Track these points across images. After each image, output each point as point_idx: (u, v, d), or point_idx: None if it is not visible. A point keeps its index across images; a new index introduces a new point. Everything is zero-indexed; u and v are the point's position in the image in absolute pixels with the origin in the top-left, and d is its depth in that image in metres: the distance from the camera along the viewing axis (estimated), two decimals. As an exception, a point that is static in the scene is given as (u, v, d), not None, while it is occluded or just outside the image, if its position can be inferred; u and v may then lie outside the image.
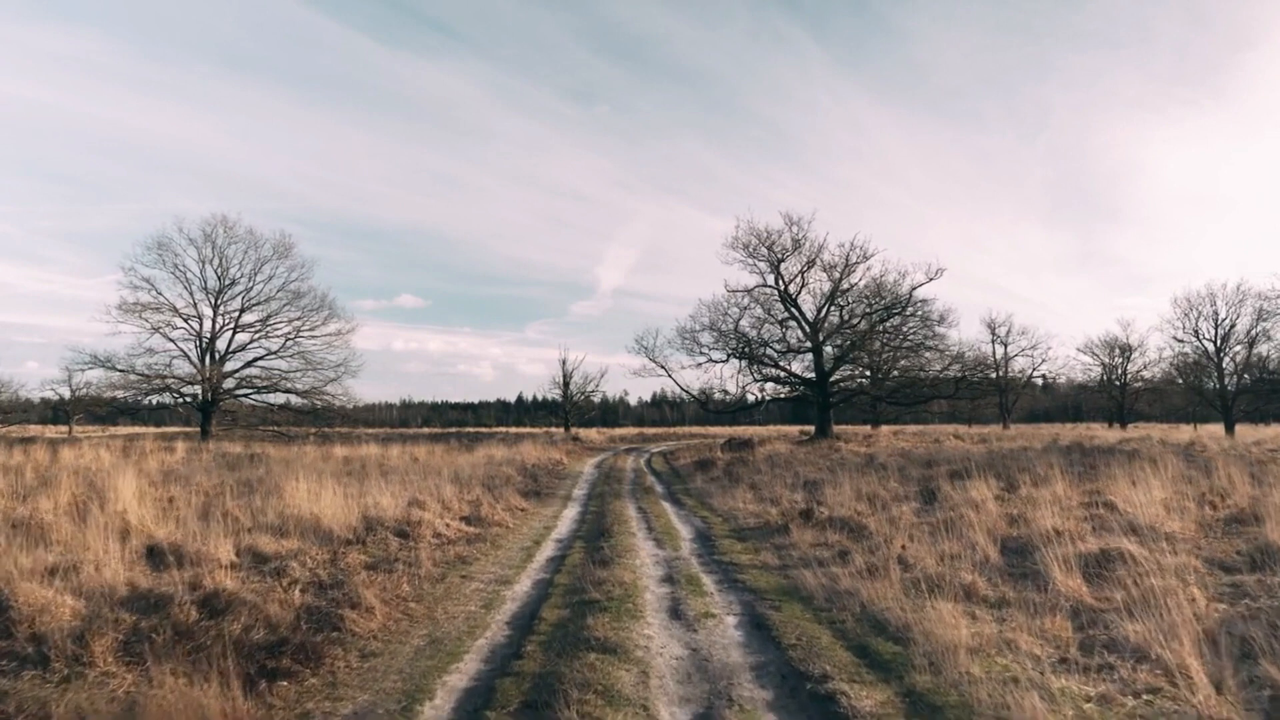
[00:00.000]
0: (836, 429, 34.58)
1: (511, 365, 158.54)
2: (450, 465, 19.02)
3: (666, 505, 12.86)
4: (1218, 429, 45.54)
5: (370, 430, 62.40)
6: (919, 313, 32.89)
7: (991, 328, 54.32)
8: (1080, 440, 26.48)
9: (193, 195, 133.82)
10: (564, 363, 51.95)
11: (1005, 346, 54.71)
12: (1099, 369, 58.87)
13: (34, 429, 62.03)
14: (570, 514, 11.76)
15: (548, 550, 8.42)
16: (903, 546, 8.17)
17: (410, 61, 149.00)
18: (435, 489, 12.27)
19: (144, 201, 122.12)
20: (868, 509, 10.90)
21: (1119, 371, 58.10)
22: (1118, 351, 57.91)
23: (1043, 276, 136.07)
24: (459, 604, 5.82)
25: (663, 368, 34.93)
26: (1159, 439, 27.54)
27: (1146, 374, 56.51)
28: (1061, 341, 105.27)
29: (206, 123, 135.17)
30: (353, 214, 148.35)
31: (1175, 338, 45.42)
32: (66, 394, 45.14)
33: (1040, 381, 54.60)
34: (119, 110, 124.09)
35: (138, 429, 61.13)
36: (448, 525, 9.53)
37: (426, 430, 66.30)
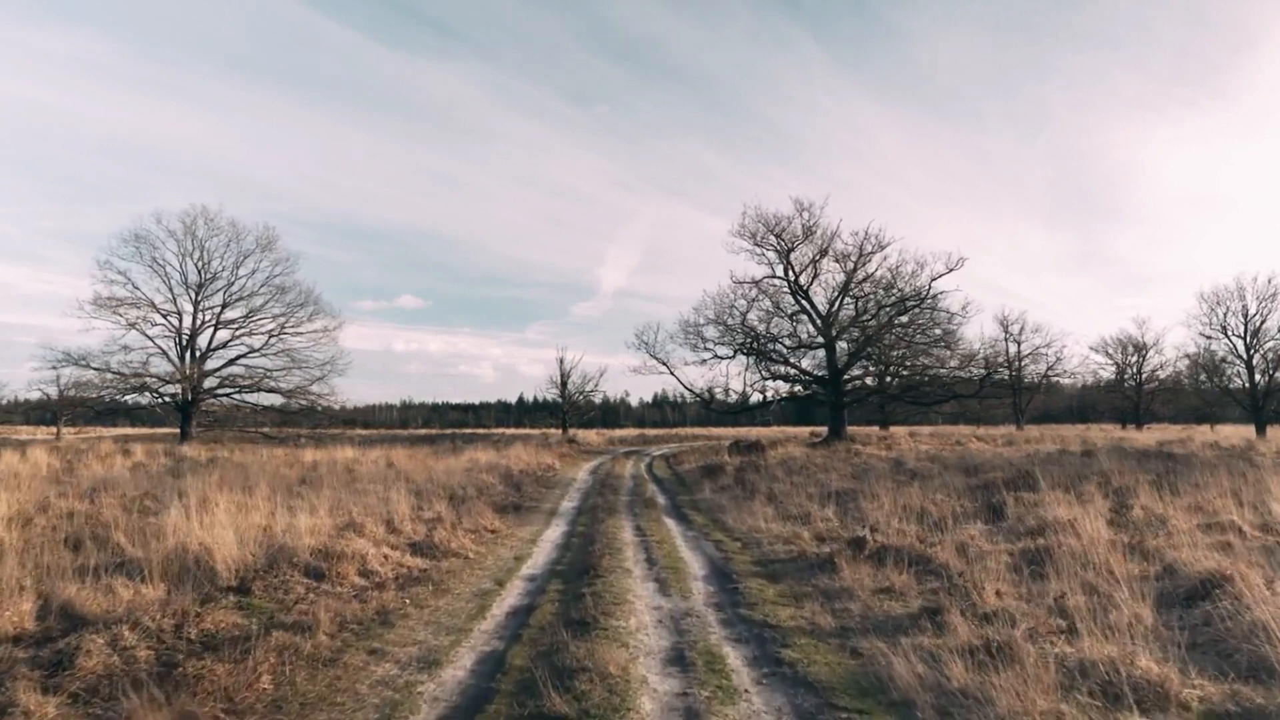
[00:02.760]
0: (847, 430, 32.26)
1: (512, 366, 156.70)
2: (425, 472, 16.82)
3: (671, 523, 10.62)
4: (1237, 430, 43.19)
5: (364, 431, 60.04)
6: (937, 306, 30.63)
7: (1005, 326, 52.07)
8: (1116, 443, 24.22)
9: (194, 196, 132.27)
10: (561, 361, 49.64)
11: (1019, 345, 52.49)
12: (1113, 368, 56.76)
13: (25, 430, 59.74)
14: (553, 536, 9.52)
15: (511, 597, 6.17)
16: (997, 594, 5.95)
17: (411, 63, 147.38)
18: (386, 504, 10.03)
19: (145, 202, 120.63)
20: (924, 531, 8.67)
21: (1134, 371, 55.91)
22: (1131, 350, 55.75)
23: (1043, 276, 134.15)
24: (338, 717, 3.57)
25: (664, 364, 32.56)
26: (1200, 442, 25.33)
27: (1161, 374, 54.40)
28: (1076, 340, 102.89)
29: (208, 123, 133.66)
30: (353, 215, 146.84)
31: (1203, 334, 43.15)
32: (54, 394, 43.12)
33: (1044, 382, 52.02)
34: (120, 111, 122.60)
35: (130, 430, 58.96)
36: (385, 557, 7.29)
37: (422, 431, 64.09)
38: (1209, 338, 43.38)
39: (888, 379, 33.80)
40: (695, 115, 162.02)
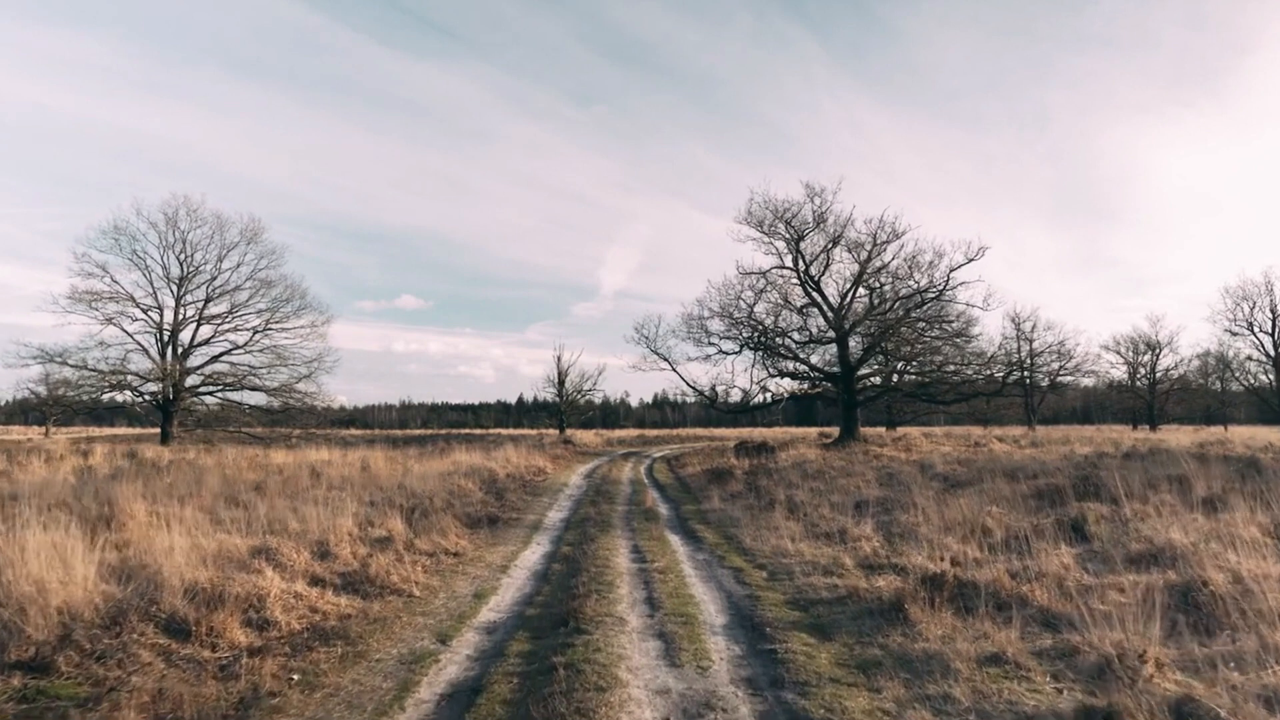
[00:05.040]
0: (860, 430, 30.32)
1: (513, 367, 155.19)
2: (400, 476, 14.97)
3: (676, 543, 8.75)
4: (1254, 430, 41.27)
5: (357, 432, 58.26)
6: (956, 298, 28.69)
7: (1017, 324, 50.11)
8: (1149, 445, 22.38)
9: (197, 197, 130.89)
10: (559, 360, 47.67)
11: (1032, 344, 50.51)
12: (1124, 368, 54.92)
13: (18, 430, 57.91)
14: (530, 560, 7.67)
15: (453, 666, 4.30)
16: (1158, 665, 4.12)
17: (413, 64, 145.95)
18: (334, 518, 8.17)
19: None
20: (1000, 557, 6.82)
21: (1147, 370, 54.05)
22: (1144, 348, 53.88)
23: (1043, 278, 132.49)
24: None
25: (665, 360, 30.45)
26: (1239, 443, 23.50)
27: (1174, 373, 52.59)
28: (1089, 339, 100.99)
29: (210, 125, 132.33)
30: (354, 215, 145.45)
31: (1229, 330, 41.29)
32: (44, 393, 41.37)
33: (1056, 381, 50.04)
34: (123, 113, 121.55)
35: (125, 430, 57.26)
36: (296, 597, 5.43)
37: (417, 432, 62.31)
38: (1234, 334, 41.56)
39: (897, 375, 31.86)
40: (696, 116, 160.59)
